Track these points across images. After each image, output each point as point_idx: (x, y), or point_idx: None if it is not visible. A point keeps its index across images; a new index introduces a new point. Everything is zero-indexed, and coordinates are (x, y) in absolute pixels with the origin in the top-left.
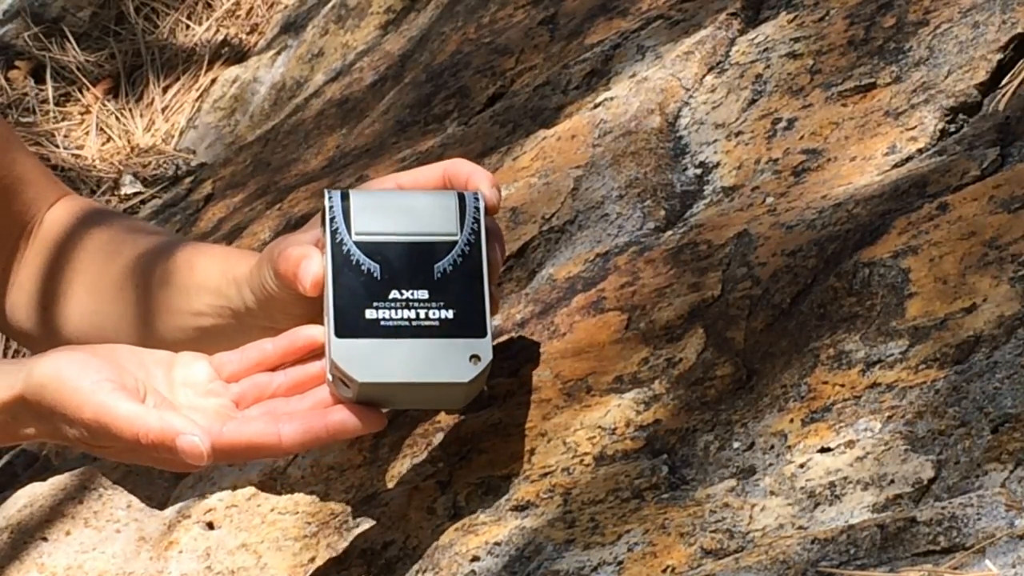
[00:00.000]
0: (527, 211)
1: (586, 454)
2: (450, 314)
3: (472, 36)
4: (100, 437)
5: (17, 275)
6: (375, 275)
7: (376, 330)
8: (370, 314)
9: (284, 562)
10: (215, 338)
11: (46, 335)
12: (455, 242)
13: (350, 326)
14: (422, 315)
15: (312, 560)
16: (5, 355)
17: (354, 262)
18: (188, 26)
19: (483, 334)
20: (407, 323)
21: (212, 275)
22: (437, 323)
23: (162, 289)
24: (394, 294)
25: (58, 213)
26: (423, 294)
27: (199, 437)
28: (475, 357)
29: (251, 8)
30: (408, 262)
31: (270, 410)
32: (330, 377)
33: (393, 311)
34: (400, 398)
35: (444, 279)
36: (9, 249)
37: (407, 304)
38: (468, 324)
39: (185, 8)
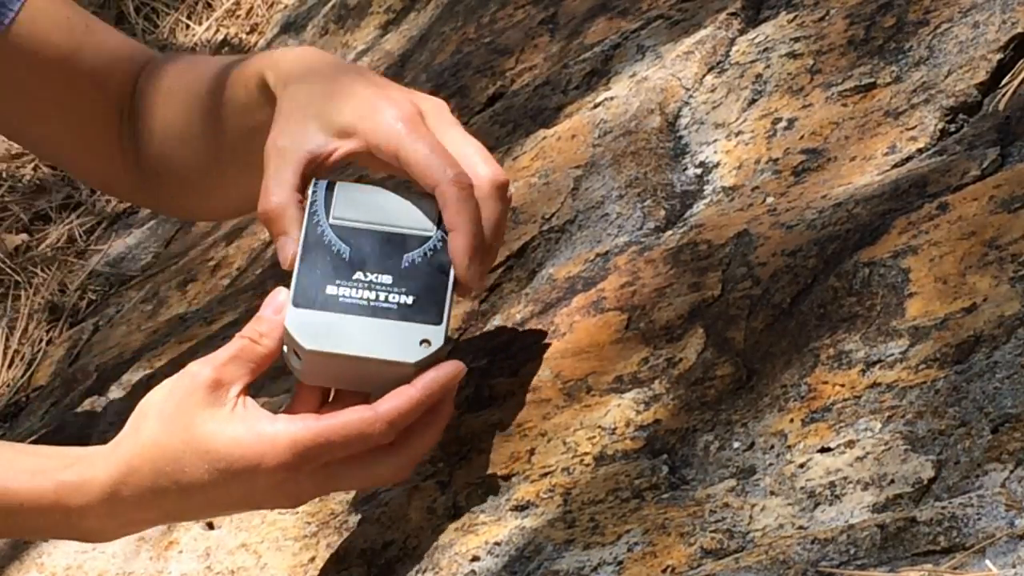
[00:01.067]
0: (527, 211)
1: (586, 454)
2: (409, 300)
3: (472, 36)
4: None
5: (142, 124)
6: (343, 256)
7: (333, 305)
8: (331, 290)
9: (284, 562)
10: None
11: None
12: (429, 237)
13: (308, 298)
14: (382, 297)
15: (312, 560)
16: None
17: (326, 242)
18: (188, 26)
19: (438, 322)
20: (365, 302)
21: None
22: (395, 306)
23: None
24: (358, 275)
25: (146, 79)
26: (387, 279)
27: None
28: (425, 342)
29: (251, 8)
30: (379, 249)
31: None
32: (284, 349)
33: (354, 290)
34: (347, 375)
35: (411, 268)
36: (117, 120)
37: (369, 286)
38: (425, 311)
39: (185, 8)
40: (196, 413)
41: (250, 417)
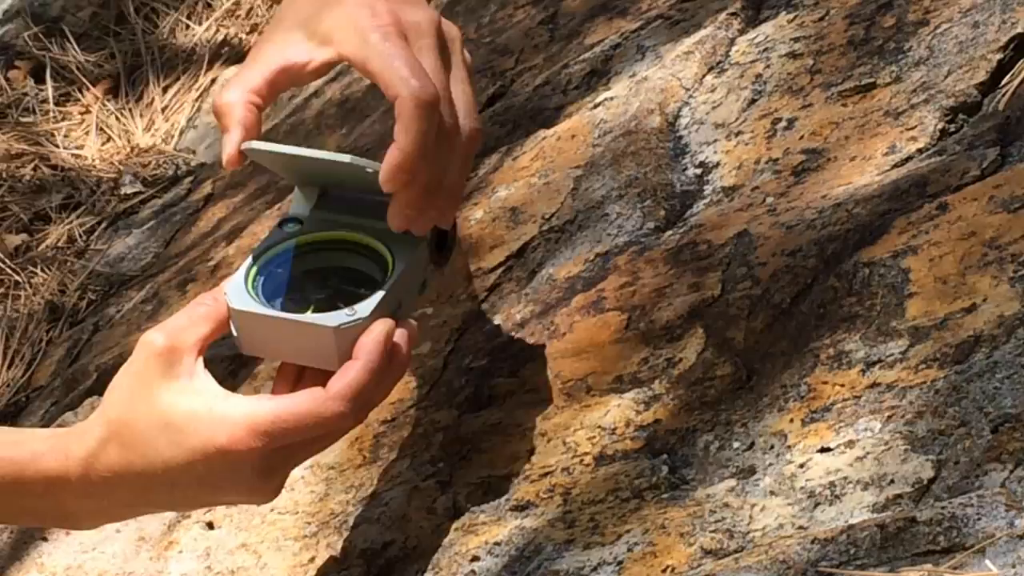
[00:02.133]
0: (527, 211)
1: (586, 454)
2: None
3: (472, 36)
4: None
5: None
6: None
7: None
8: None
9: (284, 562)
10: None
11: None
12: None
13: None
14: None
15: (312, 560)
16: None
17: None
18: (188, 26)
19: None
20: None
21: None
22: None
23: None
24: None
25: None
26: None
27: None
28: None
29: (251, 8)
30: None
31: None
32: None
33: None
34: (277, 344)
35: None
36: None
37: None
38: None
39: (185, 8)
40: (154, 383)
41: (207, 392)
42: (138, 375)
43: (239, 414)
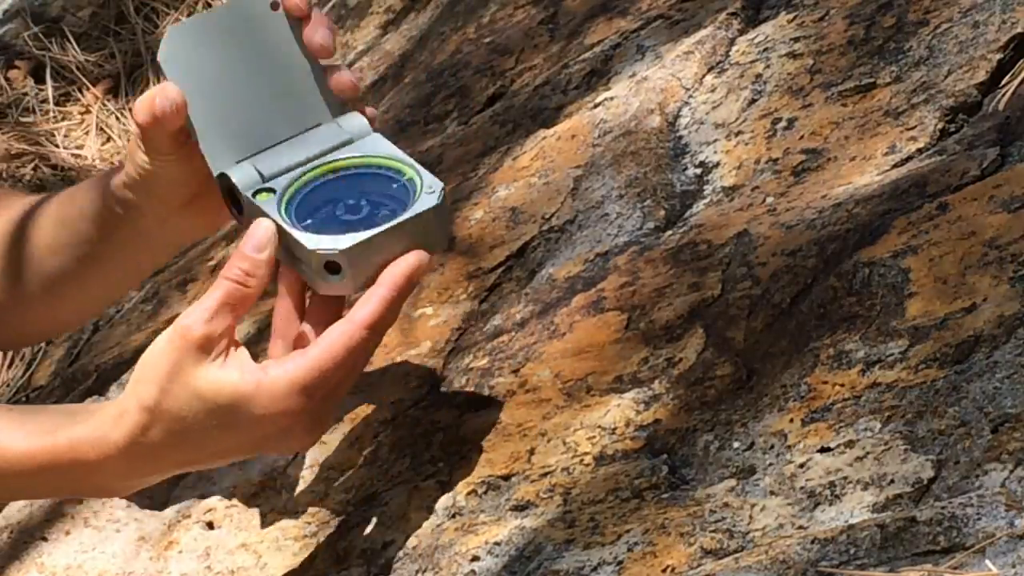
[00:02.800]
0: (527, 211)
1: (586, 454)
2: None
3: (472, 36)
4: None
5: None
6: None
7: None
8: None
9: (284, 562)
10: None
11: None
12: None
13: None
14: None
15: (312, 560)
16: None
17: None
18: None
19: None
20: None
21: (89, 193)
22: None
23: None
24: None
25: None
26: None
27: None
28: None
29: None
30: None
31: None
32: (301, 271)
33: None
34: (383, 257)
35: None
36: None
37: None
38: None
39: (185, 8)
40: (192, 370)
41: (246, 368)
42: (175, 365)
43: (284, 382)
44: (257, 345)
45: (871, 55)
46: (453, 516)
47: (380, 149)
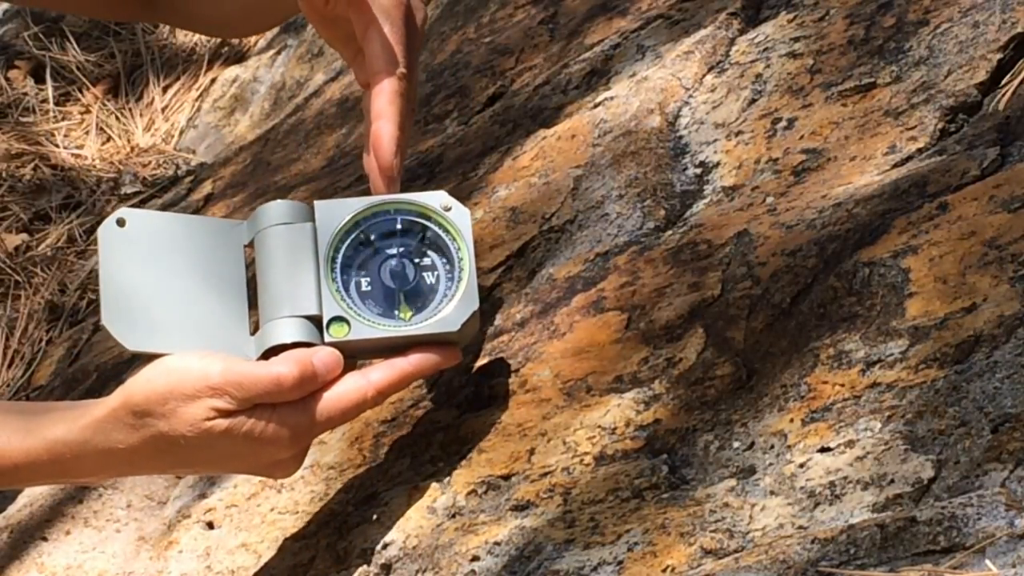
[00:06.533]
0: (527, 211)
1: (586, 454)
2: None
3: (472, 36)
4: (227, 398)
5: None
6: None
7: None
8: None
9: (284, 562)
10: None
11: None
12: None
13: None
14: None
15: (312, 560)
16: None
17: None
18: None
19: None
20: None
21: None
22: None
23: None
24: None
25: None
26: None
27: (328, 351)
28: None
29: None
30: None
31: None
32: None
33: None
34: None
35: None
36: None
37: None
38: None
39: None
40: (196, 403)
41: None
42: (177, 393)
43: (288, 428)
44: None
45: (871, 55)
46: (453, 516)
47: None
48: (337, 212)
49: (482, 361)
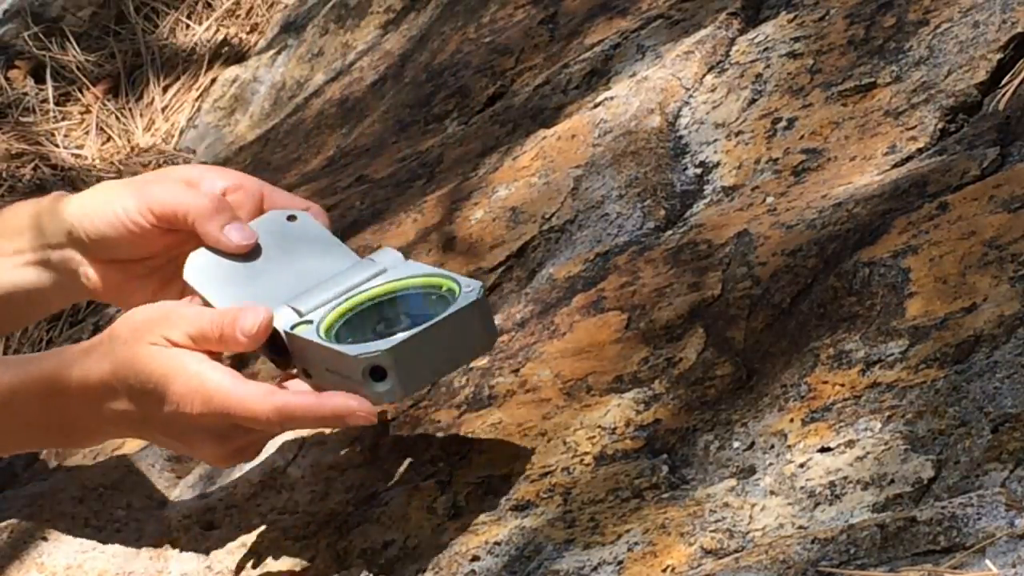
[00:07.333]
0: (527, 211)
1: (586, 454)
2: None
3: (472, 36)
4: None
5: None
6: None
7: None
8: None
9: (284, 562)
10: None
11: None
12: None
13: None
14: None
15: (312, 560)
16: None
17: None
18: (188, 26)
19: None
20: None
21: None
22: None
23: None
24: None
25: None
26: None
27: (260, 310)
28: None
29: (251, 8)
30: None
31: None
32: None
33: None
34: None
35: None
36: None
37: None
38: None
39: (185, 8)
40: (185, 362)
41: (222, 366)
42: (153, 324)
43: (260, 392)
44: None
45: (871, 55)
46: (453, 516)
47: (414, 271)
48: (407, 267)
49: (482, 361)
